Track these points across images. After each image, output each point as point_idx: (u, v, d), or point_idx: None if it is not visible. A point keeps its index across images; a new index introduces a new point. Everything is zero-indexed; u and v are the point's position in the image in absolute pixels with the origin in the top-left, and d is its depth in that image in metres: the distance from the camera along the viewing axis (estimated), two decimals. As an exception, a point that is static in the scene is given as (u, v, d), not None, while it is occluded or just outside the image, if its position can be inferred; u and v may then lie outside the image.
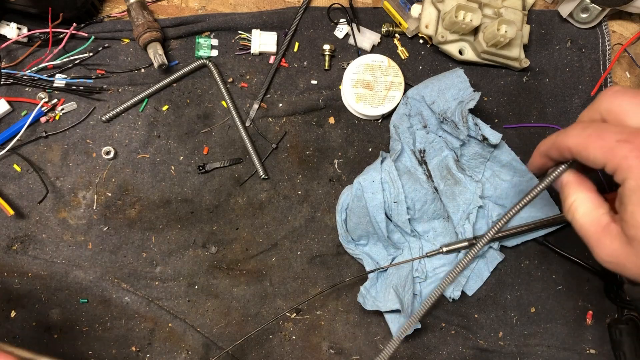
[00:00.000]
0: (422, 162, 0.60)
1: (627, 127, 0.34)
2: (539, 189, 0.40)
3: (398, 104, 0.61)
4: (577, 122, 0.38)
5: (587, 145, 0.34)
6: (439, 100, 0.59)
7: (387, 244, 0.59)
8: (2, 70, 0.59)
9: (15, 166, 0.60)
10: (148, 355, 0.58)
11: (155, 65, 0.60)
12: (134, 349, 0.58)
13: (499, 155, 0.61)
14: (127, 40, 0.63)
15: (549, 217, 0.60)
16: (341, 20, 0.64)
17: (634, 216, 0.32)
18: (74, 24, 0.60)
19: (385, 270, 0.59)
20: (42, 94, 0.60)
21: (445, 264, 0.59)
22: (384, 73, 0.61)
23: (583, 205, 0.37)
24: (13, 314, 0.58)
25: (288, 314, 0.60)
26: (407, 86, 0.62)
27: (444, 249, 0.57)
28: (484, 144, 0.59)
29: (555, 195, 0.62)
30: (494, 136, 0.58)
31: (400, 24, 0.64)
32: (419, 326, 0.58)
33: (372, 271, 0.58)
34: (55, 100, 0.61)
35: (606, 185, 0.62)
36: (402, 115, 0.60)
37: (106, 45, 0.62)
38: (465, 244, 0.58)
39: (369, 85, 0.61)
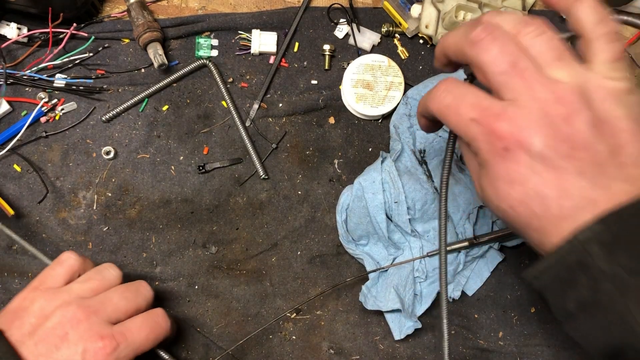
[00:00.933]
0: (423, 162, 0.60)
1: (482, 97, 0.35)
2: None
3: (398, 104, 0.61)
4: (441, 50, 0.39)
5: (446, 115, 0.36)
6: None
7: (387, 244, 0.59)
8: (2, 71, 0.59)
9: (15, 166, 0.60)
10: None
11: (155, 65, 0.60)
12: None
13: None
14: (127, 40, 0.63)
15: None
16: (341, 20, 0.64)
17: (483, 190, 0.36)
18: (74, 24, 0.60)
19: (386, 270, 0.59)
20: (42, 94, 0.60)
21: (445, 263, 0.59)
22: (384, 73, 0.62)
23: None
24: (13, 314, 0.58)
25: (288, 314, 0.60)
26: (407, 86, 0.62)
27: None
28: None
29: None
30: None
31: (400, 24, 0.64)
32: (419, 326, 0.58)
33: (373, 271, 0.58)
34: (55, 100, 0.61)
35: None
36: (402, 115, 0.60)
37: (106, 45, 0.62)
38: (466, 243, 0.58)
39: (369, 85, 0.61)
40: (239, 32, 0.63)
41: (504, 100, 0.33)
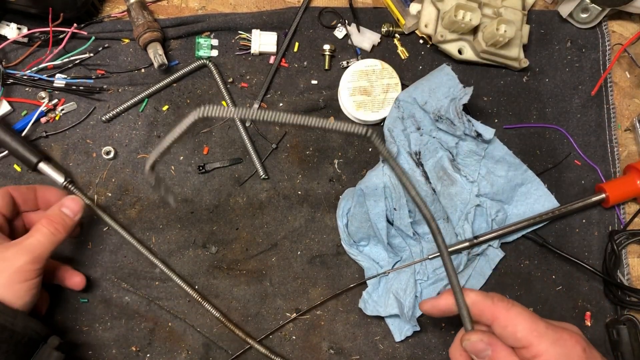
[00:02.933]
0: (419, 164, 0.60)
1: None
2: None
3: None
4: None
5: None
6: (431, 100, 0.59)
7: (387, 249, 0.59)
8: (2, 70, 0.59)
9: (15, 166, 0.60)
10: (148, 355, 0.58)
11: (155, 65, 0.60)
12: (134, 348, 0.58)
13: (492, 151, 0.61)
14: (127, 40, 0.63)
15: (547, 211, 0.60)
16: (337, 24, 0.64)
17: None
18: (75, 24, 0.60)
19: (387, 274, 0.59)
20: (42, 94, 0.60)
21: (445, 263, 0.59)
22: (378, 77, 0.61)
23: None
24: (13, 313, 0.58)
25: (288, 314, 0.60)
26: (404, 86, 0.62)
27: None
28: (477, 140, 0.59)
29: (552, 186, 0.62)
30: (487, 132, 0.58)
31: (399, 20, 0.64)
32: (418, 328, 0.58)
33: (375, 276, 0.58)
34: (56, 101, 0.61)
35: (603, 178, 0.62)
36: (395, 118, 0.60)
37: (106, 45, 0.62)
38: (466, 244, 0.58)
39: (366, 91, 0.61)
40: (239, 32, 0.63)
41: None
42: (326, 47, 0.63)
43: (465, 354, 0.46)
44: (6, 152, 0.59)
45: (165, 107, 0.62)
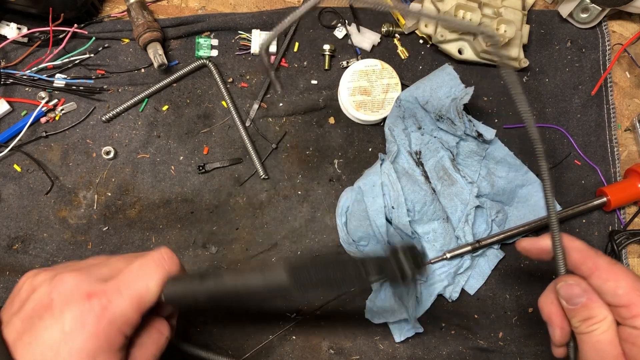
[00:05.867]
0: (419, 163, 0.60)
1: None
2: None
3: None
4: None
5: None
6: (432, 99, 0.59)
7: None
8: (2, 70, 0.59)
9: (15, 166, 0.60)
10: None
11: (155, 65, 0.60)
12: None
13: (493, 152, 0.61)
14: (127, 40, 0.63)
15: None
16: (338, 24, 0.64)
17: None
18: (75, 24, 0.60)
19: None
20: (42, 94, 0.60)
21: (445, 264, 0.59)
22: (378, 77, 0.61)
23: (605, 325, 0.40)
24: (13, 313, 0.58)
25: (288, 314, 0.60)
26: (404, 86, 0.62)
27: (448, 255, 0.57)
28: (478, 141, 0.59)
29: (553, 191, 0.62)
30: (488, 132, 0.58)
31: (399, 20, 0.64)
32: (421, 330, 0.58)
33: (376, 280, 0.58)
34: (56, 101, 0.61)
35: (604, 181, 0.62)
36: (396, 117, 0.60)
37: (106, 45, 0.62)
38: (468, 248, 0.58)
39: (366, 91, 0.61)
40: (239, 32, 0.63)
41: None
42: (326, 47, 0.63)
43: (557, 303, 0.42)
44: (8, 151, 0.59)
45: (165, 107, 0.62)
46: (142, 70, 0.63)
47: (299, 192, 0.62)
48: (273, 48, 0.63)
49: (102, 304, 0.35)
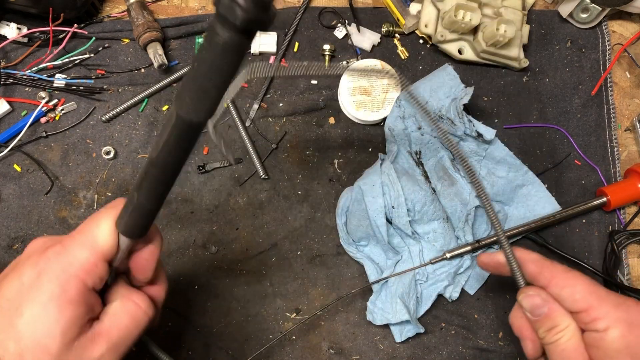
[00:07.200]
0: (419, 163, 0.60)
1: None
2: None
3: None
4: None
5: None
6: (432, 99, 0.59)
7: (386, 249, 0.59)
8: (2, 71, 0.59)
9: (15, 166, 0.60)
10: (148, 355, 0.58)
11: (155, 65, 0.60)
12: (133, 348, 0.58)
13: (493, 152, 0.61)
14: (127, 40, 0.63)
15: (548, 215, 0.60)
16: (337, 24, 0.64)
17: None
18: (75, 24, 0.60)
19: (387, 281, 0.59)
20: (42, 94, 0.60)
21: (445, 264, 0.59)
22: (378, 76, 0.61)
23: (569, 333, 0.41)
24: (13, 313, 0.58)
25: (288, 314, 0.60)
26: (406, 86, 0.62)
27: (448, 255, 0.57)
28: (478, 141, 0.59)
29: (552, 186, 0.62)
30: (488, 132, 0.58)
31: (399, 20, 0.64)
32: (422, 330, 0.58)
33: (377, 281, 0.58)
34: (56, 101, 0.61)
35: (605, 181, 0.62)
36: (396, 117, 0.60)
37: (106, 45, 0.62)
38: (468, 248, 0.58)
39: (366, 91, 0.61)
40: (239, 32, 0.63)
41: None
42: (326, 47, 0.63)
43: (526, 316, 0.43)
44: (8, 151, 0.59)
45: (165, 107, 0.62)
46: (142, 70, 0.63)
47: (299, 192, 0.62)
48: (273, 48, 0.63)
49: (56, 251, 0.34)
